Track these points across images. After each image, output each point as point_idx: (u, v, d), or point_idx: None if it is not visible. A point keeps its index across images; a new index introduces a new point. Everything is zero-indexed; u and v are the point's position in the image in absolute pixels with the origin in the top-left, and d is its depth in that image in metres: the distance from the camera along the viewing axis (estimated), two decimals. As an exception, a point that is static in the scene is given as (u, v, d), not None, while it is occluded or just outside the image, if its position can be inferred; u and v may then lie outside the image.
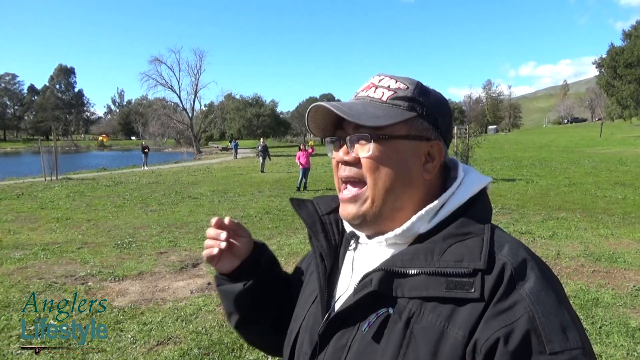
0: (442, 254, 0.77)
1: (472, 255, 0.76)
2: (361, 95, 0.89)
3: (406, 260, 0.79)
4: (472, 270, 0.74)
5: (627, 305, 4.86)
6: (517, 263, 0.75)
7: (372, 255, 0.88)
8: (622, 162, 22.16)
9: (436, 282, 0.75)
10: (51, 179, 19.79)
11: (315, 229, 0.99)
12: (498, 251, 0.77)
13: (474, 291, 0.72)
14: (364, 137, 0.84)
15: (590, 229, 8.50)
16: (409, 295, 0.77)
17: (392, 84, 0.87)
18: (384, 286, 0.78)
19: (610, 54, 38.95)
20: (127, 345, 4.18)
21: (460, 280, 0.74)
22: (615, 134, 52.75)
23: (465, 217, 0.83)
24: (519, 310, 0.70)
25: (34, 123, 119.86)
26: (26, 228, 9.70)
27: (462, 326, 0.71)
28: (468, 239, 0.79)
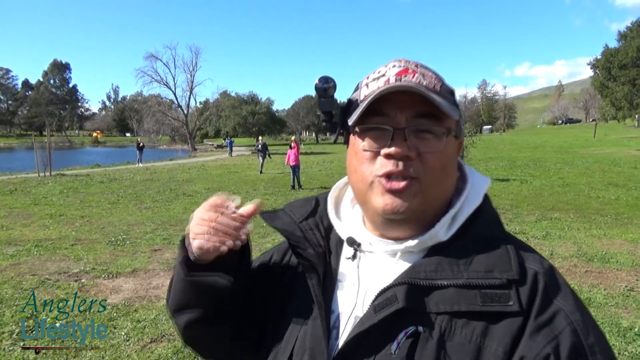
0: (468, 263, 0.72)
1: (503, 264, 0.71)
2: (411, 81, 0.76)
3: (430, 272, 0.73)
4: (506, 281, 0.70)
5: (618, 305, 4.90)
6: (546, 272, 0.73)
7: (382, 267, 0.81)
8: (615, 163, 22.30)
9: (468, 295, 0.70)
10: (45, 175, 19.67)
11: (296, 238, 0.88)
12: (525, 259, 0.74)
13: (512, 304, 0.68)
14: (436, 130, 0.76)
15: (583, 229, 8.56)
16: (437, 310, 0.71)
17: (432, 73, 0.80)
18: (412, 302, 0.71)
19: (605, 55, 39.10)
20: (121, 342, 4.17)
21: (496, 293, 0.69)
22: (609, 135, 53.10)
23: (482, 221, 0.79)
24: (560, 322, 0.68)
25: (28, 118, 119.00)
26: (19, 224, 9.65)
27: (502, 341, 0.67)
28: (491, 245, 0.74)
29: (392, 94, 0.74)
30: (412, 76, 0.76)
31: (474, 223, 0.79)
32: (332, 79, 0.81)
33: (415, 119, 0.75)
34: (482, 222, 0.79)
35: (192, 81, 59.23)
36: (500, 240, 0.76)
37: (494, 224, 0.81)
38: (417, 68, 0.78)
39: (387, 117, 0.76)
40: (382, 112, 0.76)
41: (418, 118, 0.75)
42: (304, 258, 0.86)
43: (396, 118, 0.75)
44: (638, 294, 5.20)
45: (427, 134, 0.76)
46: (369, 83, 0.80)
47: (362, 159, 0.78)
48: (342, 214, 0.93)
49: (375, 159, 0.77)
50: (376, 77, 0.79)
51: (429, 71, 0.80)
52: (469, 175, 0.86)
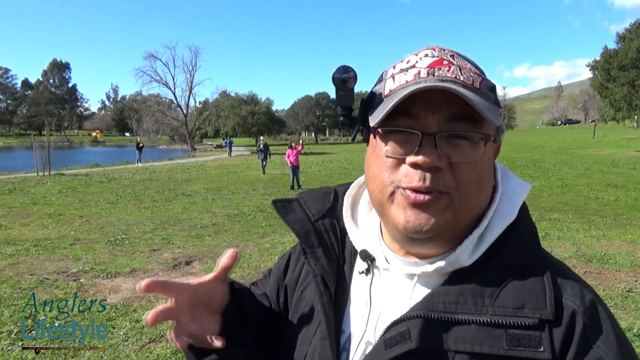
0: (495, 296, 0.62)
1: (536, 300, 0.61)
2: (447, 76, 0.64)
3: (450, 304, 0.63)
4: (539, 321, 0.59)
5: (617, 306, 4.90)
6: (587, 310, 0.62)
7: (397, 289, 0.71)
8: (614, 164, 22.31)
9: (492, 335, 0.60)
10: (44, 175, 19.65)
11: (310, 242, 0.79)
12: (563, 292, 0.63)
13: (543, 350, 0.58)
14: (473, 137, 0.64)
15: (582, 230, 8.56)
16: (455, 349, 0.61)
17: (471, 66, 0.68)
18: (427, 339, 0.62)
19: (604, 56, 39.12)
20: (119, 342, 4.16)
21: (525, 334, 0.59)
22: (608, 136, 53.16)
23: (514, 243, 0.67)
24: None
25: (27, 118, 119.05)
26: (18, 223, 9.63)
27: None
28: (524, 274, 0.63)
29: (423, 92, 0.62)
30: (448, 69, 0.65)
31: (505, 245, 0.67)
32: (352, 68, 0.71)
33: (449, 122, 0.63)
34: (515, 244, 0.67)
35: (192, 81, 59.31)
36: (535, 268, 0.64)
37: (530, 246, 0.68)
38: (453, 59, 0.67)
39: (415, 119, 0.64)
40: (410, 113, 0.64)
41: (452, 121, 0.63)
42: (315, 268, 0.77)
43: (426, 120, 0.64)
44: (637, 295, 5.20)
45: (462, 140, 0.64)
46: (395, 75, 0.68)
47: (384, 166, 0.67)
48: (358, 217, 0.83)
49: (398, 167, 0.65)
50: (404, 67, 0.68)
51: (468, 63, 0.69)
52: (501, 182, 0.73)
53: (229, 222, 9.67)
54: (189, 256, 6.99)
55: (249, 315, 0.79)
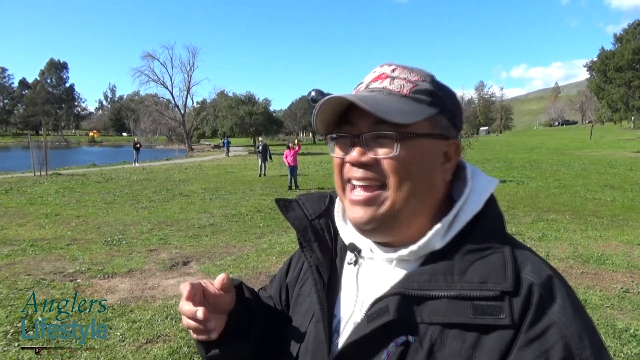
0: (463, 274, 0.71)
1: (497, 275, 0.69)
2: (376, 87, 0.78)
3: (424, 282, 0.72)
4: (499, 293, 0.68)
5: (614, 306, 4.91)
6: (543, 282, 0.70)
7: (380, 274, 0.81)
8: (611, 165, 22.39)
9: (460, 306, 0.69)
10: (40, 175, 19.62)
11: (307, 237, 0.91)
12: (522, 268, 0.71)
13: (503, 317, 0.67)
14: (389, 135, 0.75)
15: (579, 230, 8.58)
16: (429, 321, 0.70)
17: (409, 76, 0.79)
18: (403, 313, 0.71)
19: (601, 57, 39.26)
20: (116, 343, 4.15)
21: (488, 305, 0.68)
22: (605, 137, 53.36)
23: (480, 228, 0.76)
24: (552, 336, 0.65)
25: (24, 117, 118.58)
26: (14, 223, 9.61)
27: (491, 354, 0.66)
28: (488, 254, 0.72)
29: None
30: (380, 82, 0.79)
31: (472, 231, 0.76)
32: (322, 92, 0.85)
33: (376, 124, 0.75)
34: (482, 229, 0.76)
35: (189, 81, 59.09)
36: (498, 249, 0.73)
37: (495, 231, 0.77)
38: (392, 72, 0.79)
39: (352, 126, 0.78)
40: (349, 121, 0.78)
41: (379, 124, 0.74)
42: (311, 259, 0.89)
43: (359, 125, 0.77)
44: (633, 296, 5.22)
45: (384, 139, 0.75)
46: (353, 91, 0.82)
47: (335, 166, 0.82)
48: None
49: (344, 166, 0.80)
50: (357, 85, 0.83)
51: (408, 73, 0.80)
52: (470, 178, 0.82)
53: (226, 223, 9.66)
54: (186, 256, 6.98)
55: (254, 315, 0.91)
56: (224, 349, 0.85)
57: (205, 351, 0.87)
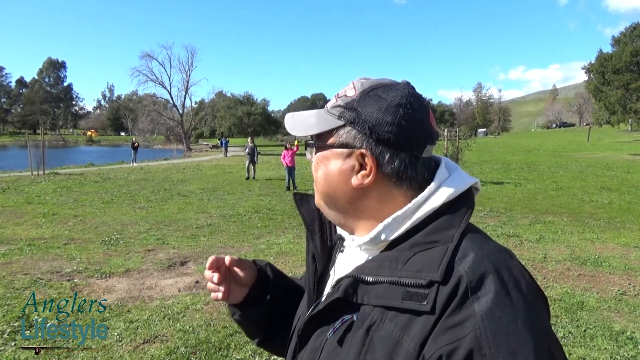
0: (405, 262, 0.75)
1: (432, 266, 0.72)
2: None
3: (373, 268, 0.78)
4: (428, 281, 0.71)
5: (611, 309, 4.92)
6: (475, 275, 0.70)
7: (351, 260, 0.89)
8: (608, 167, 22.46)
9: (395, 291, 0.74)
10: (38, 174, 19.56)
11: (312, 228, 1.00)
12: (459, 262, 0.72)
13: (426, 303, 0.70)
14: (310, 144, 0.91)
15: (576, 232, 8.60)
16: (373, 303, 0.77)
17: (347, 91, 0.87)
18: (349, 293, 0.79)
19: (599, 59, 39.36)
20: (113, 343, 4.14)
21: (416, 292, 0.72)
22: (603, 139, 53.48)
23: (435, 223, 0.79)
24: (467, 327, 0.66)
25: (22, 116, 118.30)
26: (11, 223, 9.58)
27: (415, 338, 0.70)
28: (434, 247, 0.76)
29: None
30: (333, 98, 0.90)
31: (428, 224, 0.79)
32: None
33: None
34: (432, 227, 0.79)
35: (188, 81, 59.01)
36: (443, 244, 0.75)
37: (451, 225, 0.78)
38: (345, 88, 0.89)
39: None
40: None
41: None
42: (310, 248, 0.99)
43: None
44: (630, 298, 5.23)
45: (309, 147, 0.92)
46: None
47: None
48: None
49: None
50: None
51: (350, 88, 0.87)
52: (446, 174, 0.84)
53: (224, 223, 9.65)
54: (184, 257, 6.97)
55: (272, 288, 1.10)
56: (244, 313, 1.09)
57: (232, 314, 1.12)
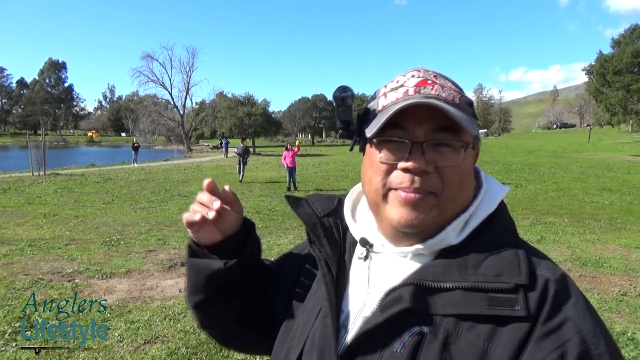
0: (477, 267, 0.72)
1: (512, 270, 0.70)
2: (430, 94, 0.76)
3: (438, 274, 0.73)
4: (514, 285, 0.69)
5: (612, 310, 4.92)
6: (558, 279, 0.72)
7: (392, 267, 0.81)
8: (609, 168, 22.44)
9: (475, 298, 0.69)
10: (39, 174, 19.58)
11: (317, 232, 0.90)
12: (536, 266, 0.73)
13: (519, 308, 0.67)
14: (453, 144, 0.75)
15: (577, 233, 8.60)
16: (443, 312, 0.71)
17: (452, 85, 0.81)
18: (417, 302, 0.72)
19: (600, 61, 39.32)
20: (114, 343, 4.15)
21: (503, 297, 0.68)
22: (604, 140, 53.48)
23: (493, 227, 0.78)
24: (569, 331, 0.66)
25: (23, 117, 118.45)
26: (12, 223, 9.59)
27: (506, 346, 0.67)
28: (502, 251, 0.74)
29: (411, 107, 0.74)
30: (432, 88, 0.77)
31: (486, 229, 0.78)
32: (350, 88, 0.82)
33: (433, 132, 0.75)
34: (495, 229, 0.78)
35: (189, 82, 59.11)
36: (512, 246, 0.75)
37: (507, 232, 0.80)
38: (436, 79, 0.79)
39: (405, 131, 0.76)
40: (400, 125, 0.76)
41: (437, 132, 0.75)
42: (321, 255, 0.88)
43: (415, 132, 0.75)
44: (631, 299, 5.23)
45: (445, 147, 0.75)
46: (387, 93, 0.80)
47: (378, 171, 0.78)
48: (358, 216, 0.94)
49: (391, 172, 0.77)
50: (395, 87, 0.80)
51: (448, 82, 0.81)
52: (485, 182, 0.85)
53: (225, 224, 9.62)
54: (184, 257, 6.94)
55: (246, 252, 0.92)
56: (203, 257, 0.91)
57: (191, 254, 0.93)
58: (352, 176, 18.76)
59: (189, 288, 0.96)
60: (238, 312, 0.97)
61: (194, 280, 0.93)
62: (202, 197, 0.88)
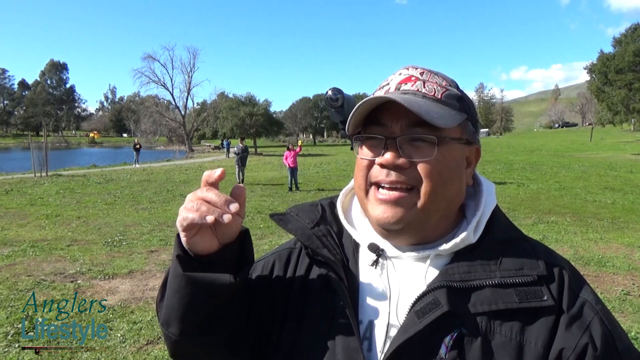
0: (499, 263, 0.75)
1: (530, 262, 0.75)
2: (408, 89, 0.78)
3: (464, 274, 0.74)
4: (537, 277, 0.73)
5: (615, 309, 4.90)
6: (569, 266, 0.78)
7: (412, 272, 0.79)
8: (611, 167, 22.39)
9: (505, 293, 0.72)
10: (41, 175, 19.60)
11: (314, 244, 0.85)
12: (547, 255, 0.78)
13: (546, 299, 0.71)
14: (427, 138, 0.75)
15: (579, 233, 8.58)
16: (476, 311, 0.72)
17: (439, 80, 0.80)
18: (454, 304, 0.72)
19: (601, 59, 39.28)
20: (117, 344, 4.15)
21: (530, 289, 0.72)
22: (606, 139, 53.35)
23: (499, 222, 0.82)
24: (588, 313, 0.72)
25: (24, 118, 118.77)
26: (15, 224, 9.60)
27: (540, 337, 0.71)
28: (515, 245, 0.78)
29: (389, 103, 0.75)
30: (412, 84, 0.78)
31: (493, 225, 0.81)
32: (340, 90, 0.85)
33: (410, 127, 0.75)
34: (501, 224, 0.82)
35: (190, 82, 59.27)
36: (522, 240, 0.80)
37: (511, 225, 0.84)
38: (421, 75, 0.80)
39: (383, 127, 0.77)
40: (379, 122, 0.77)
41: (413, 127, 0.75)
42: (326, 267, 0.83)
43: (391, 127, 0.76)
44: (634, 298, 5.22)
45: (421, 142, 0.76)
46: (376, 92, 0.82)
47: (360, 167, 0.80)
48: (353, 220, 0.91)
49: (371, 168, 0.79)
50: (382, 85, 0.82)
51: (437, 77, 0.81)
52: (482, 180, 0.87)
53: (226, 224, 9.62)
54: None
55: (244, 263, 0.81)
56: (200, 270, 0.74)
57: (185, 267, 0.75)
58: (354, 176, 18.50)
59: (178, 310, 0.77)
60: (229, 337, 0.82)
61: (190, 299, 0.75)
62: (210, 195, 0.72)
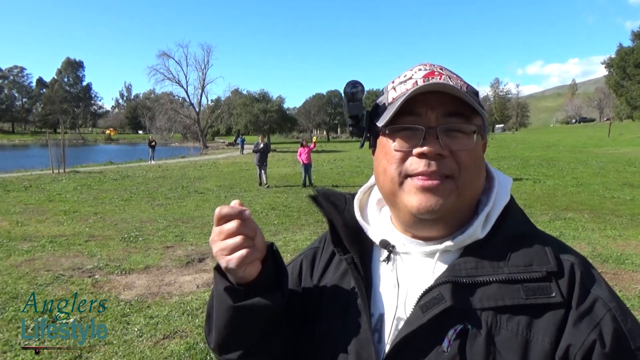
0: (508, 259, 0.74)
1: (540, 258, 0.74)
2: (439, 83, 0.76)
3: (471, 269, 0.74)
4: (546, 273, 0.72)
5: (634, 307, 4.82)
6: (581, 262, 0.76)
7: (420, 267, 0.81)
8: (630, 163, 21.98)
9: (511, 289, 0.72)
10: (59, 172, 19.92)
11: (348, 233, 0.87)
12: (559, 251, 0.77)
13: (554, 295, 0.71)
14: (465, 128, 0.77)
15: (597, 230, 8.45)
16: (481, 307, 0.72)
17: (455, 75, 0.82)
18: (458, 299, 0.73)
19: (620, 54, 38.60)
20: (134, 338, 4.20)
21: (538, 286, 0.71)
22: (624, 135, 52.35)
23: (512, 218, 0.81)
24: (600, 310, 0.71)
25: (42, 116, 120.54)
26: (34, 220, 9.77)
27: (547, 333, 0.70)
28: (526, 241, 0.77)
29: (422, 95, 0.75)
30: (439, 78, 0.78)
31: (505, 221, 0.80)
32: (360, 83, 0.83)
33: (445, 117, 0.76)
34: (513, 220, 0.81)
35: (204, 79, 59.48)
36: (533, 236, 0.78)
37: (524, 221, 0.82)
38: (442, 71, 0.81)
39: (417, 117, 0.77)
40: (412, 112, 0.77)
41: (448, 117, 0.76)
42: (348, 256, 0.85)
43: (427, 117, 0.76)
44: (654, 296, 5.12)
45: (458, 132, 0.76)
46: (395, 87, 0.81)
47: (393, 159, 0.78)
48: (369, 217, 0.93)
49: (406, 159, 0.77)
50: (403, 80, 0.81)
51: (453, 74, 0.83)
52: (494, 174, 0.86)
53: (241, 220, 9.66)
54: (202, 253, 7.03)
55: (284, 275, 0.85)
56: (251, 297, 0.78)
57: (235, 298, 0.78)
58: (368, 172, 18.54)
59: (234, 339, 0.83)
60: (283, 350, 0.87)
61: (246, 326, 0.80)
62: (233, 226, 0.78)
